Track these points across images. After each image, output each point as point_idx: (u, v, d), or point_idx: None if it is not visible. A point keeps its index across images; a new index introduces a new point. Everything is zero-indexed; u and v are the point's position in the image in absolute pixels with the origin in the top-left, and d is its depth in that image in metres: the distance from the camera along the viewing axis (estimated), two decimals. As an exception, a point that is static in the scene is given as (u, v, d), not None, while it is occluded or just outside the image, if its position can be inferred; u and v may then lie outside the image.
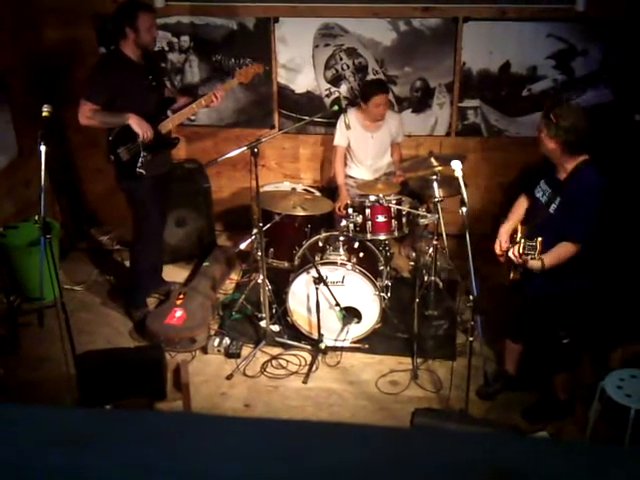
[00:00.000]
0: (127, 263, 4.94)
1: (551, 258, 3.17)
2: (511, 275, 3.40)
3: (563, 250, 3.22)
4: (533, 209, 3.50)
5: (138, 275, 4.61)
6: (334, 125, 4.87)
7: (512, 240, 3.51)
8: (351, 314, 4.21)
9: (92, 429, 0.69)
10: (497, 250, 3.53)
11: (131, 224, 4.55)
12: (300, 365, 4.19)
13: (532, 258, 3.10)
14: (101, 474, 0.61)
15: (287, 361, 4.23)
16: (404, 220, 4.37)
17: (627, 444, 3.17)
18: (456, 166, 3.36)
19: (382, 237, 4.38)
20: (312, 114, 4.84)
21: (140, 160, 4.09)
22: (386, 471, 0.65)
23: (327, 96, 5.24)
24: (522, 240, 3.20)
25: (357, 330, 4.27)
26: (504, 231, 3.56)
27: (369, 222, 4.29)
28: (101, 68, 4.14)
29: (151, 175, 4.18)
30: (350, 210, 4.34)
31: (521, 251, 3.15)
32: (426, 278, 4.51)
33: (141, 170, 4.11)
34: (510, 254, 3.26)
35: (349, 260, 4.19)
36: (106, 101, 4.01)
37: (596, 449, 0.75)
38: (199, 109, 4.32)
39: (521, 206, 3.62)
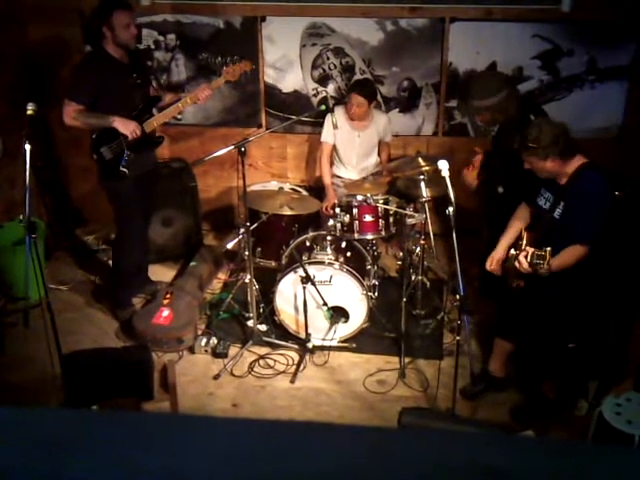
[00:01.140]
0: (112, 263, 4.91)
1: (559, 262, 3.16)
2: (514, 283, 3.41)
3: (571, 253, 3.21)
4: (537, 217, 3.49)
5: (121, 275, 4.58)
6: (321, 124, 4.87)
7: (516, 246, 3.52)
8: (338, 313, 4.21)
9: (77, 430, 0.68)
10: (489, 266, 3.51)
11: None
12: (288, 365, 4.19)
13: (541, 268, 3.09)
14: (86, 476, 0.61)
15: (275, 361, 4.22)
16: (391, 220, 4.37)
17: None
18: (443, 166, 3.37)
19: (369, 237, 4.39)
20: (299, 113, 4.84)
21: (123, 159, 4.06)
22: (374, 471, 0.65)
23: (314, 96, 5.24)
24: (530, 249, 3.15)
25: (345, 329, 4.28)
26: (502, 248, 3.53)
27: (356, 222, 4.29)
28: (84, 67, 4.09)
29: (134, 174, 4.14)
30: (337, 210, 4.34)
31: (529, 260, 3.13)
32: (413, 277, 4.53)
33: (124, 169, 4.07)
34: (517, 264, 3.21)
35: (336, 260, 4.19)
36: (90, 100, 3.98)
37: (581, 448, 0.75)
38: (185, 108, 4.29)
39: (519, 220, 3.59)
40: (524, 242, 3.47)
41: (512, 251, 3.53)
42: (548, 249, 3.09)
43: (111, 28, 3.93)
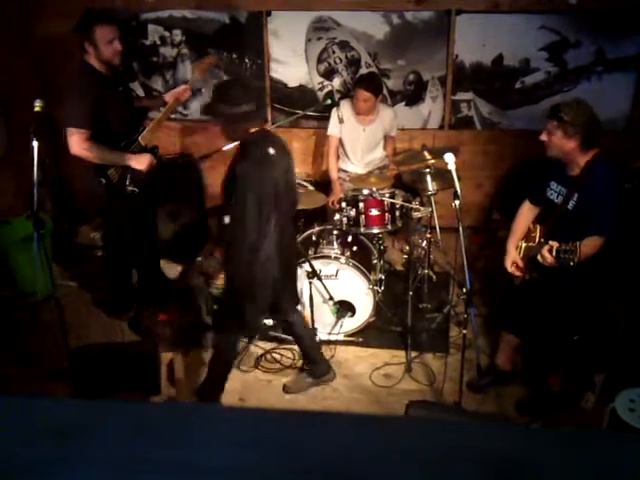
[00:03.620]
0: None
1: (584, 254, 3.11)
2: (527, 276, 3.39)
3: (593, 244, 3.19)
4: (547, 210, 3.47)
5: (113, 281, 4.55)
6: (327, 119, 4.86)
7: (528, 238, 3.49)
8: (345, 308, 4.21)
9: (83, 420, 0.68)
10: (512, 269, 3.48)
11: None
12: (294, 359, 4.19)
13: (571, 262, 3.04)
14: (87, 464, 0.61)
15: (281, 355, 4.23)
16: (397, 213, 4.36)
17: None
18: (449, 159, 3.35)
19: (375, 231, 4.37)
20: (305, 108, 4.83)
21: (128, 178, 3.99)
22: (381, 458, 0.65)
23: (320, 90, 5.23)
24: (554, 244, 3.10)
25: (351, 324, 4.28)
26: (513, 247, 3.52)
27: (362, 216, 4.28)
28: (76, 89, 3.86)
29: (139, 188, 4.09)
30: (343, 204, 4.33)
31: (554, 255, 3.09)
32: (420, 271, 4.52)
33: (133, 188, 4.02)
34: (540, 258, 3.17)
35: (343, 254, 4.18)
36: (93, 122, 3.80)
37: (591, 437, 0.75)
38: (170, 112, 4.19)
39: (524, 217, 3.57)
40: (537, 234, 3.45)
41: (523, 243, 3.52)
42: (578, 243, 3.05)
43: (93, 44, 3.75)
